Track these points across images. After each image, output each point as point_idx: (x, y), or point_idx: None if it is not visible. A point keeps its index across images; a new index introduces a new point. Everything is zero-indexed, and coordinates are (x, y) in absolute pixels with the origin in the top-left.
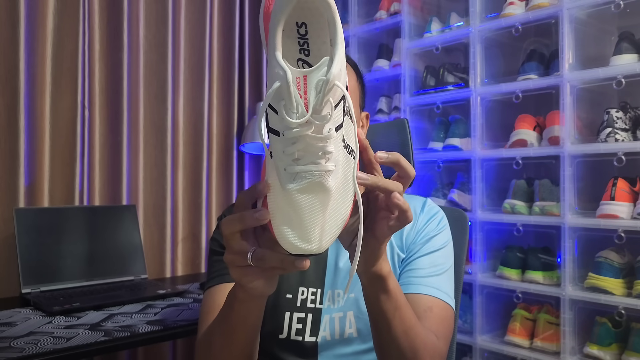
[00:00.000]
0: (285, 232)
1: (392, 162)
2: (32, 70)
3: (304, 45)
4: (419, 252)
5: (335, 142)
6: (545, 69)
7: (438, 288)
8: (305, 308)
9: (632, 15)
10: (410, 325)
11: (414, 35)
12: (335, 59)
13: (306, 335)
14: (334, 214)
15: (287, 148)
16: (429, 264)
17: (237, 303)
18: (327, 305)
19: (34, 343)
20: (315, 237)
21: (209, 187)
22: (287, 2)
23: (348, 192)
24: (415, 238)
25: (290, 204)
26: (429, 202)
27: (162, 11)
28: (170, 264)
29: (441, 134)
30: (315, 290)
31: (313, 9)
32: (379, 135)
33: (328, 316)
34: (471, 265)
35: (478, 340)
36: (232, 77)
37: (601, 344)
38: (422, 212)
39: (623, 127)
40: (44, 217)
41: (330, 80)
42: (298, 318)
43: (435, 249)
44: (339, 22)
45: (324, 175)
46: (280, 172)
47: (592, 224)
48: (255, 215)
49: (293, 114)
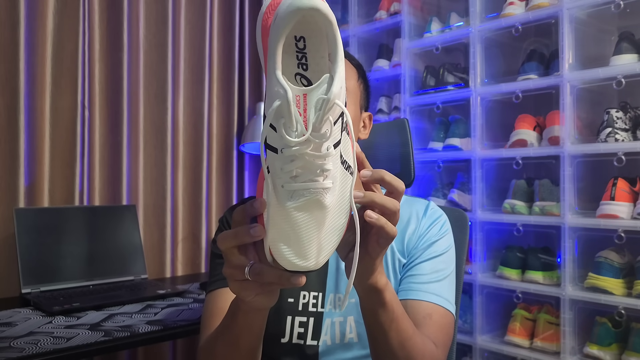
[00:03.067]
0: (282, 249)
1: (377, 180)
2: (32, 70)
3: (302, 59)
4: (420, 258)
5: (334, 160)
6: (545, 69)
7: (439, 294)
8: (306, 312)
9: (632, 15)
10: (407, 337)
11: (414, 35)
12: (335, 77)
13: (308, 339)
14: (330, 231)
15: (285, 165)
16: (430, 270)
17: (240, 314)
18: (328, 308)
19: (34, 343)
20: (312, 254)
21: (209, 187)
22: (289, 19)
23: (344, 209)
24: (417, 243)
25: (288, 221)
26: (432, 205)
27: (162, 11)
28: (170, 264)
29: (441, 134)
30: (316, 294)
31: (312, 24)
32: (379, 135)
33: (329, 320)
34: (471, 265)
35: (478, 340)
36: (232, 77)
37: (601, 344)
38: (425, 216)
39: (623, 127)
40: (44, 217)
41: (330, 99)
42: (300, 322)
43: (437, 254)
44: (339, 39)
45: (321, 192)
46: (277, 189)
47: (592, 224)
48: (250, 232)
49: (292, 132)
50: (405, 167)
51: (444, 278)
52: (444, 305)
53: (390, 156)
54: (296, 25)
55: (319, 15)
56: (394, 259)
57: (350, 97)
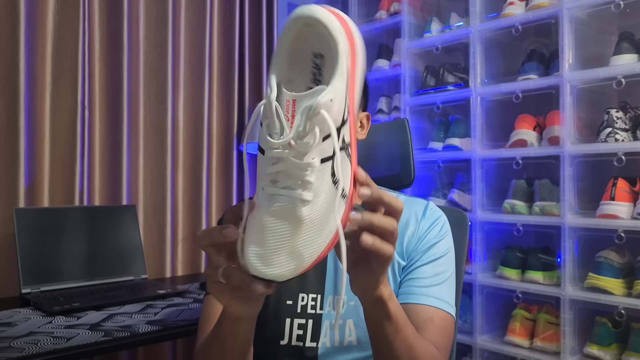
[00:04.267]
0: (249, 251)
1: (375, 200)
2: (32, 70)
3: (316, 74)
4: (420, 261)
5: (319, 174)
6: (545, 69)
7: (439, 298)
8: (305, 314)
9: (632, 15)
10: (410, 344)
11: (414, 35)
12: (328, 88)
13: (307, 341)
14: (304, 245)
15: (267, 167)
16: (430, 273)
17: (225, 321)
18: (327, 310)
19: (34, 343)
20: (277, 263)
21: (209, 187)
22: (289, 27)
23: (327, 228)
24: (416, 245)
25: (259, 224)
26: (431, 205)
27: (162, 11)
28: (170, 264)
29: (441, 134)
30: (315, 295)
31: (330, 40)
32: (379, 135)
33: (328, 322)
34: (471, 265)
35: (478, 340)
36: (232, 77)
37: (601, 344)
38: (424, 217)
39: (623, 127)
40: (44, 217)
41: (314, 106)
42: (299, 324)
43: (437, 256)
44: (344, 55)
45: (297, 203)
46: (259, 191)
47: (592, 224)
48: (222, 232)
49: (275, 134)
50: (405, 167)
51: (444, 281)
52: (444, 308)
53: (390, 156)
54: (313, 41)
55: (319, 24)
56: (394, 261)
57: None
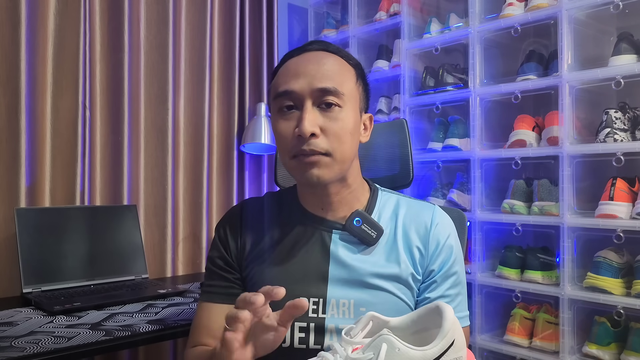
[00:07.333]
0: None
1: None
2: (33, 70)
3: None
4: (442, 287)
5: None
6: (544, 69)
7: (462, 316)
8: (306, 318)
9: (631, 15)
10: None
11: (414, 36)
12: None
13: (310, 343)
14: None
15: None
16: (454, 293)
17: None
18: (330, 315)
19: (34, 343)
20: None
21: (209, 187)
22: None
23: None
24: (429, 264)
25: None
26: (437, 212)
27: (163, 12)
28: (171, 263)
29: (440, 134)
30: (317, 299)
31: None
32: (379, 135)
33: (333, 325)
34: (470, 265)
35: (477, 339)
36: (233, 78)
37: (600, 344)
38: (432, 225)
39: (622, 127)
40: (45, 217)
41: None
42: (300, 327)
43: (456, 276)
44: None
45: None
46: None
47: (591, 224)
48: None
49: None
50: (404, 167)
51: (463, 294)
52: (465, 323)
53: (390, 156)
54: None
55: None
56: (408, 270)
57: (350, 102)
